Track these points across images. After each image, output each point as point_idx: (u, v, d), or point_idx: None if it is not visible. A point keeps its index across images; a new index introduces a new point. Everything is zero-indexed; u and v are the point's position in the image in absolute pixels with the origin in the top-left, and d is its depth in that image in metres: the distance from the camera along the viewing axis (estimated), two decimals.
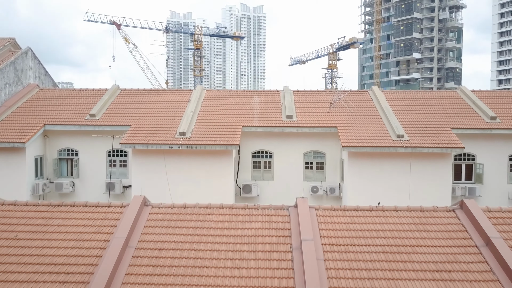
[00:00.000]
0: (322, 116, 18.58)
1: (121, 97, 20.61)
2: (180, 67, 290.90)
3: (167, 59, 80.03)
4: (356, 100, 20.04)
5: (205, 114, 18.81)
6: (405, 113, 18.81)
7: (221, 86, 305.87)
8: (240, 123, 18.00)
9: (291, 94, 20.58)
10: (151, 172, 16.87)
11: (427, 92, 21.02)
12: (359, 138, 16.68)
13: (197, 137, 16.85)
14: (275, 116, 18.55)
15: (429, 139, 16.56)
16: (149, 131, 17.34)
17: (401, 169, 16.49)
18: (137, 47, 73.15)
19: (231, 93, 21.19)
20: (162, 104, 19.80)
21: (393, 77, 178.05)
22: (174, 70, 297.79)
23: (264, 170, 18.24)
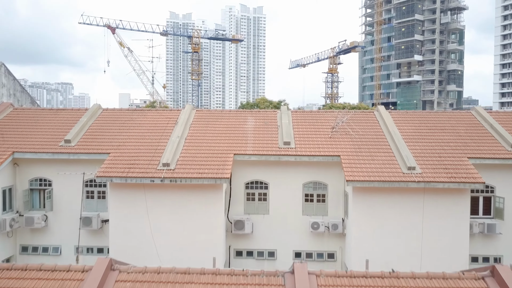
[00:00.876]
0: (323, 142, 16.68)
1: (102, 118, 18.72)
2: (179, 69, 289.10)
3: (155, 66, 77.08)
4: (360, 123, 18.15)
5: (193, 139, 16.91)
6: (416, 138, 16.91)
7: (220, 87, 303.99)
8: (232, 150, 16.11)
9: (288, 116, 18.69)
10: (131, 207, 14.98)
11: (439, 113, 19.13)
12: (365, 171, 14.78)
13: (183, 169, 14.96)
14: (271, 142, 16.65)
15: (444, 172, 14.66)
16: (129, 161, 15.44)
17: (413, 205, 14.59)
18: (132, 51, 71.35)
19: (223, 113, 19.28)
20: (146, 127, 17.91)
21: (394, 79, 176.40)
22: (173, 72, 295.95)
23: (258, 203, 16.35)
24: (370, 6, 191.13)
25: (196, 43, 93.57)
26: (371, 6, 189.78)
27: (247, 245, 16.30)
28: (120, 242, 14.96)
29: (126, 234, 14.99)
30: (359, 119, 18.42)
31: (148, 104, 58.90)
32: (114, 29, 71.93)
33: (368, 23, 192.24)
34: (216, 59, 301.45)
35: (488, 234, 15.57)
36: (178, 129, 17.29)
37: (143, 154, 15.91)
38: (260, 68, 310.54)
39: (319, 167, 16.12)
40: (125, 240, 14.95)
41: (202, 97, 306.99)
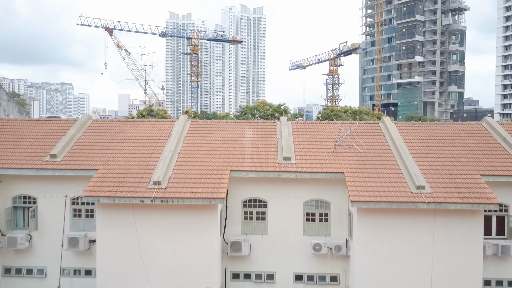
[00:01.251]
0: (325, 157, 15.65)
1: (91, 130, 17.69)
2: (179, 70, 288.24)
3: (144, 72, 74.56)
4: (364, 135, 17.12)
5: (186, 154, 15.88)
6: (424, 153, 15.88)
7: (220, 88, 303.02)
8: (228, 166, 15.08)
9: (289, 127, 17.66)
10: (120, 228, 13.95)
11: (447, 125, 18.10)
12: (371, 190, 13.75)
13: (175, 187, 13.93)
14: (270, 157, 15.62)
15: (456, 192, 13.64)
16: (118, 179, 14.42)
17: (423, 227, 13.57)
18: (130, 54, 70.30)
19: (219, 125, 18.24)
20: (138, 140, 16.89)
21: (395, 81, 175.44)
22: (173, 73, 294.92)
23: (257, 222, 15.32)
24: (370, 7, 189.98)
25: (195, 45, 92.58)
26: (372, 7, 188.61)
27: (244, 267, 15.28)
28: (108, 265, 13.95)
29: (114, 257, 13.97)
30: (363, 131, 17.39)
31: (145, 108, 57.89)
32: (111, 31, 70.81)
33: (368, 23, 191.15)
34: (216, 59, 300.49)
35: (501, 257, 14.54)
36: (171, 142, 16.27)
37: (133, 170, 14.88)
38: (260, 69, 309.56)
39: (321, 184, 15.09)
40: (113, 263, 13.94)
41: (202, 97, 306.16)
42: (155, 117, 55.93)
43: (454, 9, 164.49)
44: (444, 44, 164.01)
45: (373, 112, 55.55)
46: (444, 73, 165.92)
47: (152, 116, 56.10)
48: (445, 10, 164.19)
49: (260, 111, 54.66)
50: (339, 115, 54.02)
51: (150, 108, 57.12)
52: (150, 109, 57.17)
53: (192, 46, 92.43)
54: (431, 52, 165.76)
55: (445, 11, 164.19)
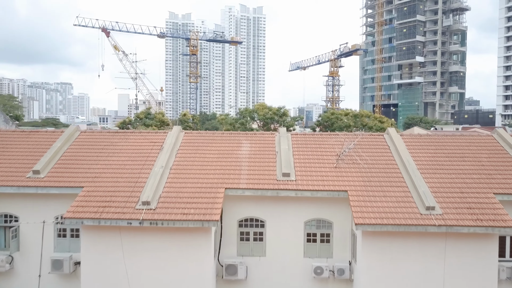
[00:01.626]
0: (327, 173, 14.64)
1: (79, 143, 16.67)
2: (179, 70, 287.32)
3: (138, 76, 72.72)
4: (369, 149, 16.11)
5: (179, 169, 14.86)
6: (432, 169, 14.86)
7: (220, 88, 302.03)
8: (223, 183, 14.07)
9: (288, 139, 16.64)
10: (106, 252, 12.95)
11: (456, 137, 17.05)
12: (377, 211, 12.75)
13: (165, 208, 12.92)
14: (268, 173, 14.61)
15: (468, 213, 12.63)
16: (104, 197, 13.40)
17: (433, 251, 12.56)
18: (127, 55, 69.22)
19: (214, 137, 17.20)
20: (128, 154, 15.87)
21: (396, 81, 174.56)
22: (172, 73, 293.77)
23: (254, 244, 14.30)
24: (371, 7, 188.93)
25: (194, 45, 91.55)
26: (372, 7, 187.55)
27: None
28: None
29: (100, 282, 12.97)
30: (368, 144, 16.37)
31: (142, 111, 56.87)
32: (108, 32, 69.71)
33: (369, 24, 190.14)
34: (216, 59, 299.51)
35: None
36: (163, 157, 15.25)
37: (122, 188, 13.87)
38: (260, 69, 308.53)
39: (323, 203, 14.08)
40: None
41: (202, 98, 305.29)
42: (153, 120, 54.95)
43: (455, 9, 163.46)
44: (445, 44, 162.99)
45: (374, 115, 54.53)
46: (445, 73, 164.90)
47: (149, 119, 55.12)
48: (446, 10, 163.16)
49: (259, 114, 53.66)
50: (339, 118, 53.01)
51: (147, 111, 56.09)
52: (147, 111, 56.15)
53: (191, 47, 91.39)
54: (432, 52, 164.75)
55: (446, 11, 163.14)
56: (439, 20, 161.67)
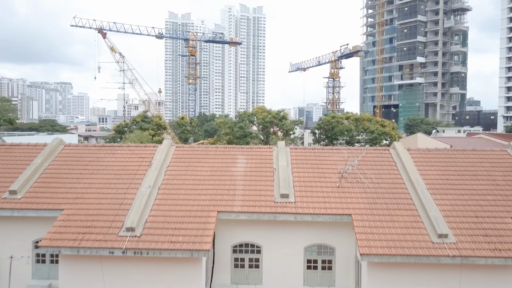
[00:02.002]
0: (329, 193, 13.47)
1: (61, 158, 15.49)
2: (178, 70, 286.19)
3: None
4: (374, 165, 14.93)
5: (167, 190, 13.69)
6: (443, 188, 13.69)
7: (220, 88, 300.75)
8: (216, 206, 12.90)
9: (287, 154, 15.47)
10: (86, 284, 11.78)
11: (467, 152, 15.87)
12: (384, 239, 11.58)
13: (151, 235, 11.76)
14: (264, 194, 13.44)
15: (485, 241, 11.46)
16: (85, 222, 12.23)
17: (446, 283, 11.39)
18: (124, 57, 68.02)
19: (207, 151, 16.02)
20: (113, 171, 14.69)
21: (396, 82, 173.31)
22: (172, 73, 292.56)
23: (249, 271, 13.14)
24: (371, 7, 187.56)
25: (192, 46, 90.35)
26: (373, 7, 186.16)
27: None
28: None
29: None
30: (372, 160, 15.20)
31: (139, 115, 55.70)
32: (105, 34, 68.48)
33: (369, 24, 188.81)
34: (215, 59, 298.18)
35: None
36: (151, 175, 14.08)
37: (105, 211, 12.70)
38: (260, 69, 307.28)
39: (324, 227, 12.91)
40: None
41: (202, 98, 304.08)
42: (150, 123, 53.80)
43: (456, 10, 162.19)
44: (446, 44, 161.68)
45: (375, 119, 53.29)
46: (446, 74, 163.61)
47: (146, 123, 53.96)
48: (447, 10, 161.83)
49: (258, 118, 52.43)
50: (340, 122, 51.80)
51: (144, 114, 54.92)
52: (144, 115, 54.98)
53: (189, 47, 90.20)
54: (433, 53, 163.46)
55: (447, 11, 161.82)
56: (440, 20, 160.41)
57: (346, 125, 51.07)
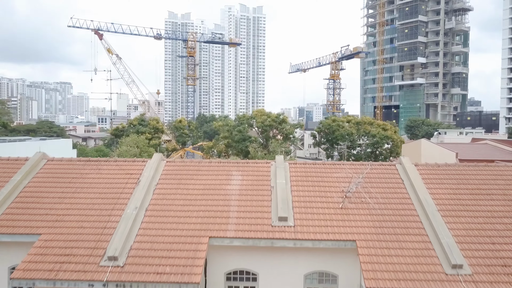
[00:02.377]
0: (332, 215, 12.38)
1: (43, 175, 14.40)
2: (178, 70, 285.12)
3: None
4: (380, 182, 13.85)
5: (156, 211, 12.60)
6: (455, 210, 12.60)
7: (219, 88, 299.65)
8: (207, 230, 11.82)
9: (286, 171, 14.38)
10: None
11: (480, 168, 14.76)
12: (392, 269, 10.49)
13: (136, 265, 10.67)
14: (261, 217, 12.35)
15: (503, 272, 10.37)
16: (64, 249, 11.15)
17: None
18: (121, 58, 66.84)
19: (200, 166, 14.92)
20: (98, 189, 13.61)
21: (397, 82, 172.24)
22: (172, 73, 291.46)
23: None
24: (372, 7, 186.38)
25: (191, 47, 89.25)
26: (373, 7, 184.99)
27: None
28: None
29: None
30: (378, 177, 14.11)
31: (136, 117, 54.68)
32: (101, 35, 67.36)
33: (370, 24, 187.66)
34: (215, 59, 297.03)
35: None
36: (138, 194, 12.99)
37: (86, 236, 11.61)
38: (260, 69, 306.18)
39: (326, 253, 11.82)
40: None
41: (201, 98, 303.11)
42: (147, 126, 52.73)
43: (457, 10, 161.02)
44: (447, 45, 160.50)
45: (377, 122, 52.17)
46: (447, 74, 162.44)
47: (143, 126, 52.90)
48: (448, 10, 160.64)
49: (257, 121, 51.36)
50: (341, 126, 50.75)
51: (141, 117, 53.84)
52: (141, 118, 53.90)
53: (188, 48, 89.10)
54: (434, 53, 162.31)
55: (449, 11, 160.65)
56: (441, 21, 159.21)
57: (347, 128, 50.00)
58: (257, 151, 46.89)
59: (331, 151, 55.75)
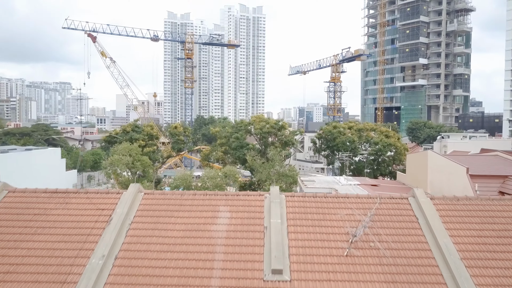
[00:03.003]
0: (335, 266, 10.43)
1: (1, 210, 12.46)
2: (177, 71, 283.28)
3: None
4: (391, 221, 11.90)
5: (126, 260, 10.65)
6: (481, 258, 10.64)
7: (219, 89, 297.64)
8: (186, 287, 9.87)
9: (282, 206, 12.43)
10: None
11: (506, 202, 12.82)
12: None
13: None
14: (251, 268, 10.40)
15: None
16: None
17: None
18: (115, 62, 64.91)
19: (183, 199, 12.96)
20: (62, 229, 11.65)
21: (398, 83, 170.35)
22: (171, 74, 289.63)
23: None
24: (373, 7, 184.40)
25: (189, 49, 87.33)
26: (374, 7, 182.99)
27: None
28: None
29: None
30: (388, 214, 12.16)
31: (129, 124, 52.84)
32: (95, 38, 65.29)
33: (371, 24, 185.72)
34: (215, 60, 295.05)
35: None
36: (108, 237, 11.05)
37: None
38: (260, 69, 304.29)
39: None
40: None
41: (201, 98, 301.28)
42: (140, 133, 50.80)
43: (459, 10, 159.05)
44: (449, 46, 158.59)
45: (380, 129, 50.22)
46: (449, 76, 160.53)
47: (137, 132, 50.97)
48: (450, 11, 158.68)
49: (255, 128, 49.42)
50: (342, 133, 48.81)
51: (135, 124, 51.91)
52: (135, 124, 51.97)
53: (186, 50, 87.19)
54: (436, 54, 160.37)
55: (450, 12, 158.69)
56: (443, 21, 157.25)
57: (349, 136, 48.05)
58: (254, 159, 44.99)
59: (331, 158, 53.88)
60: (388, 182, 37.69)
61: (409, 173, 36.13)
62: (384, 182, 37.16)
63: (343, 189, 32.10)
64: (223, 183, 39.96)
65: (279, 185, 42.03)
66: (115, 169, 42.54)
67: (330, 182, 35.60)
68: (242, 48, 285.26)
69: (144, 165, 44.58)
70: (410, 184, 33.86)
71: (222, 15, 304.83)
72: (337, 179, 36.35)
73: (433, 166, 31.04)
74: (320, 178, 37.46)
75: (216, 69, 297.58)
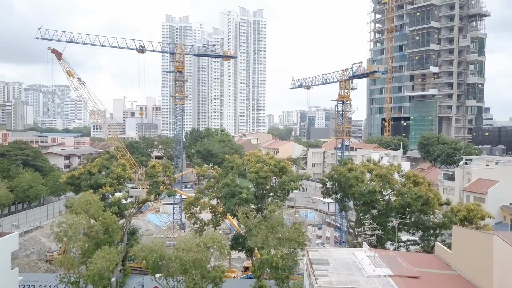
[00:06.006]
0: None
1: None
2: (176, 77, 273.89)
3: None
4: None
5: None
6: None
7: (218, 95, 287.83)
8: None
9: None
10: None
11: None
12: None
13: None
14: None
15: None
16: None
17: None
18: (84, 83, 55.24)
19: None
20: None
21: (407, 93, 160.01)
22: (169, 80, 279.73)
23: None
24: (380, 12, 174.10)
25: (180, 61, 77.50)
26: (381, 12, 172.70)
27: None
28: None
29: None
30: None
31: (97, 160, 43.00)
32: (60, 54, 55.48)
33: (377, 30, 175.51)
34: (214, 65, 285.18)
35: None
36: None
37: None
38: (261, 74, 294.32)
39: None
40: None
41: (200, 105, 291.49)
42: (108, 176, 40.83)
43: (472, 15, 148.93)
44: (461, 53, 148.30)
45: (407, 174, 40.18)
46: (462, 85, 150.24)
47: (105, 174, 41.02)
48: (463, 16, 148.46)
49: (251, 171, 39.24)
50: (360, 179, 38.75)
51: (103, 163, 41.97)
52: (103, 163, 42.01)
53: (176, 62, 77.35)
54: (447, 62, 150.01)
55: (463, 17, 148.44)
56: (456, 27, 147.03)
57: (368, 184, 38.05)
58: (247, 216, 35.05)
59: (345, 201, 43.98)
60: (427, 261, 27.76)
61: (456, 253, 26.34)
62: (423, 262, 27.18)
63: (369, 283, 22.57)
64: (203, 257, 29.99)
65: (279, 252, 32.06)
66: (66, 233, 32.63)
67: (350, 265, 25.95)
68: (242, 53, 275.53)
69: (105, 225, 34.66)
70: (461, 270, 24.64)
71: (222, 19, 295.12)
72: (358, 260, 26.56)
73: (502, 260, 21.30)
74: (334, 255, 27.60)
75: (215, 74, 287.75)
